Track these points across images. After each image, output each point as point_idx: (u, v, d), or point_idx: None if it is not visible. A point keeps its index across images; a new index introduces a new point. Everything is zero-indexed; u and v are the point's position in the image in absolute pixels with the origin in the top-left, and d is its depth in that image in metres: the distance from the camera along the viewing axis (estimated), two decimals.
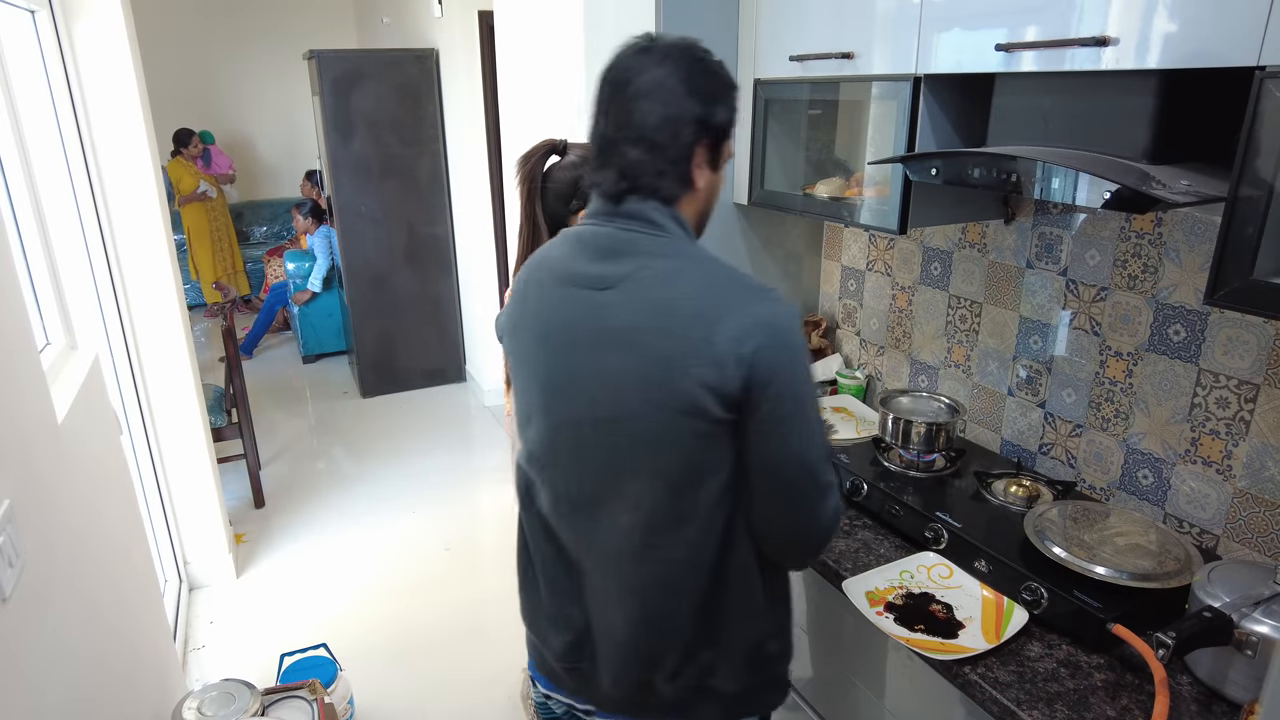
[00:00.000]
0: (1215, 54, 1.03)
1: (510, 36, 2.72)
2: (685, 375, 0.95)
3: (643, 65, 0.99)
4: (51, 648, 1.22)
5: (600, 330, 1.01)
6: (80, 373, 1.77)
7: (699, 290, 0.97)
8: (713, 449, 0.99)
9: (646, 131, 0.99)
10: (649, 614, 1.07)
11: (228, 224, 6.37)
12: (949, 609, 1.36)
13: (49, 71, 2.28)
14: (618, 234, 1.03)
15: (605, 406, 1.02)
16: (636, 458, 1.02)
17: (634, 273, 1.00)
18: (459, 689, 2.52)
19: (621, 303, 1.00)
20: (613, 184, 1.02)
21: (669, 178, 1.01)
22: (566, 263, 1.07)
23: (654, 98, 0.98)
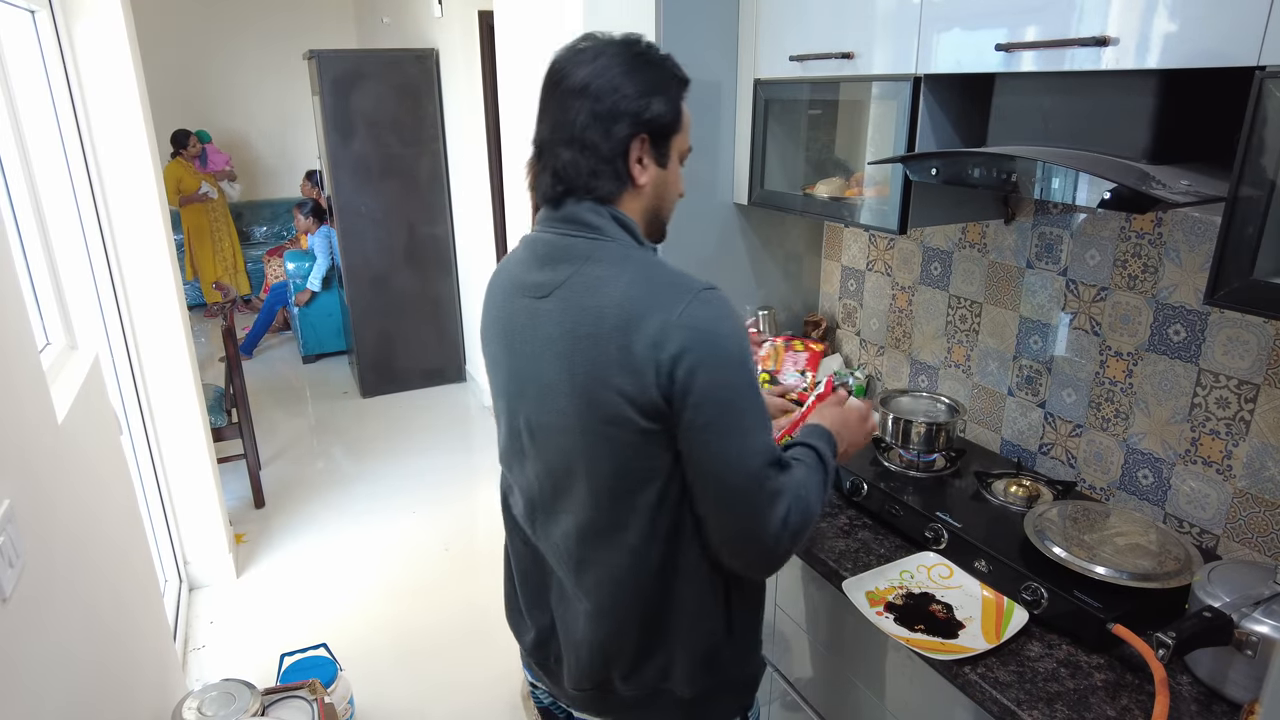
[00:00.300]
0: (1215, 54, 1.03)
1: (510, 36, 2.72)
2: (607, 385, 0.93)
3: (575, 64, 0.97)
4: (51, 648, 1.22)
5: (540, 339, 1.01)
6: (80, 373, 1.77)
7: (624, 296, 0.93)
8: (644, 457, 0.97)
9: (576, 131, 0.96)
10: (599, 615, 1.07)
11: (228, 223, 6.37)
12: (949, 609, 1.36)
13: (49, 71, 2.28)
14: (556, 240, 1.01)
15: (545, 415, 1.02)
16: (574, 465, 1.01)
17: (568, 280, 0.98)
18: (459, 689, 2.52)
19: (556, 311, 0.98)
20: (549, 187, 1.01)
21: (603, 176, 0.98)
22: (517, 270, 1.07)
23: (584, 95, 0.96)
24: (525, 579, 1.19)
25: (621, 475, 0.99)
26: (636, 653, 1.08)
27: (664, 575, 1.04)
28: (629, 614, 1.06)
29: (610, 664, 1.09)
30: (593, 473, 1.00)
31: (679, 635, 1.07)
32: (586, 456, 0.99)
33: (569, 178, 0.99)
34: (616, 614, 1.06)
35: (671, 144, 1.03)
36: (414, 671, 2.60)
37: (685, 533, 1.02)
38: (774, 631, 1.73)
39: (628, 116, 0.96)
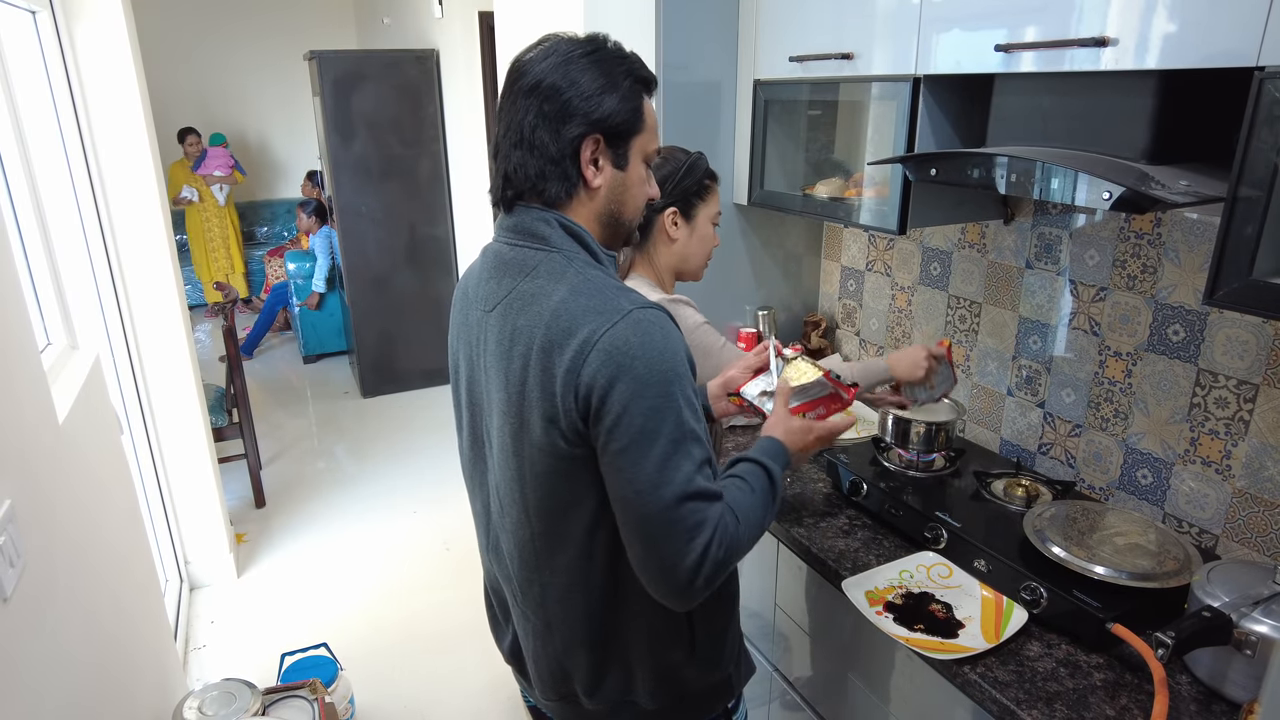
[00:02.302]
0: (1214, 54, 1.03)
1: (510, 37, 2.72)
2: (532, 409, 0.91)
3: (530, 63, 0.95)
4: (52, 647, 1.22)
5: (488, 353, 0.99)
6: (81, 373, 1.77)
7: (552, 314, 0.90)
8: (572, 480, 0.94)
9: (526, 131, 0.93)
10: (547, 633, 1.07)
11: (225, 226, 6.36)
12: (948, 609, 1.36)
13: (50, 72, 2.28)
14: (503, 250, 1.00)
15: (493, 432, 1.01)
16: (510, 485, 1.00)
17: (507, 295, 0.96)
18: (460, 688, 2.52)
19: (497, 326, 0.97)
20: (499, 190, 0.99)
21: (551, 178, 0.95)
22: (473, 280, 1.05)
23: (534, 94, 0.93)
24: (491, 587, 1.20)
25: (552, 497, 0.96)
26: (592, 669, 1.06)
27: (610, 597, 1.02)
28: (575, 634, 1.04)
29: (569, 679, 1.09)
30: (526, 492, 0.98)
31: (636, 654, 1.06)
32: (520, 477, 0.97)
33: (518, 180, 0.96)
34: (563, 633, 1.05)
35: (631, 145, 0.99)
36: (415, 671, 2.60)
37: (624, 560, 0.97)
38: (774, 631, 1.74)
39: (578, 116, 0.93)
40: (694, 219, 1.53)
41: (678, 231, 1.52)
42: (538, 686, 1.14)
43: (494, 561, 1.13)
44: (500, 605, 1.19)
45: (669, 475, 0.88)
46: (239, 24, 6.69)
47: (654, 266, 1.55)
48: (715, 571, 0.91)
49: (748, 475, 1.03)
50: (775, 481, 1.04)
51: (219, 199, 6.35)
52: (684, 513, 0.89)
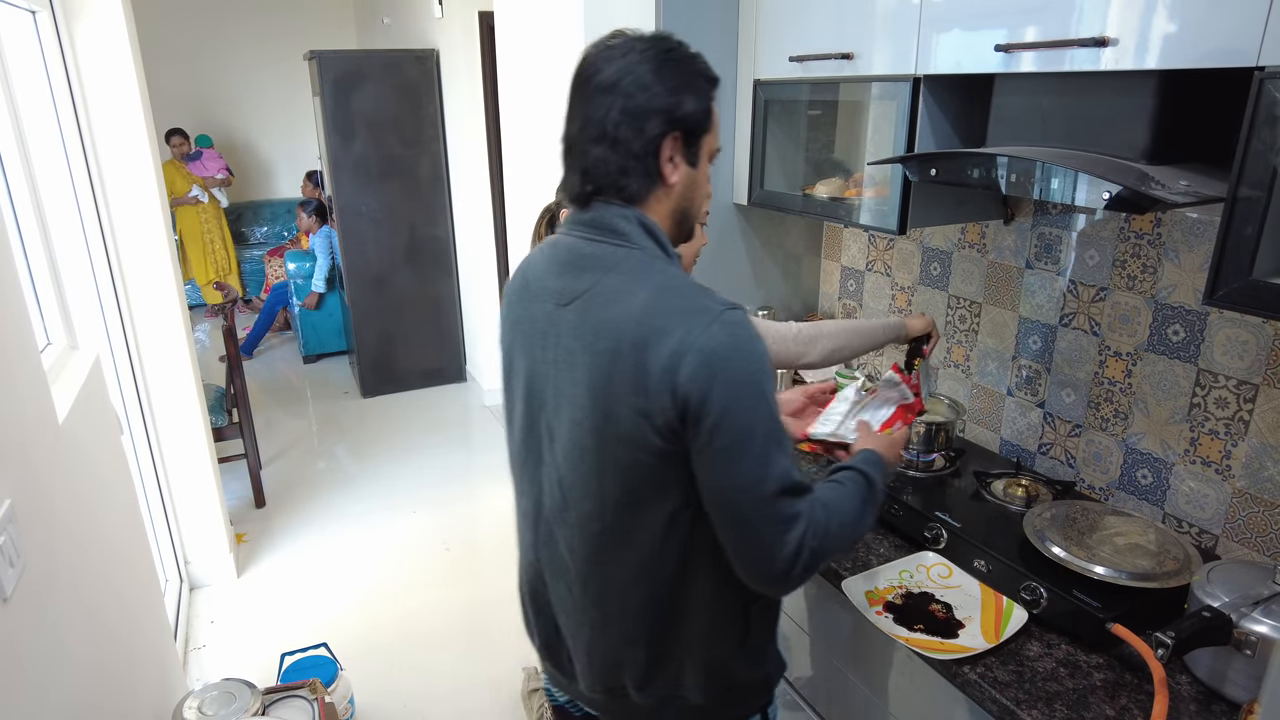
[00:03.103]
0: (1214, 54, 1.03)
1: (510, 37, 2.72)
2: (621, 403, 0.92)
3: (605, 61, 0.95)
4: (52, 647, 1.22)
5: (560, 347, 0.99)
6: (81, 373, 1.77)
7: (640, 312, 0.92)
8: (658, 475, 0.96)
9: (608, 127, 0.94)
10: (606, 626, 1.07)
11: (220, 227, 6.36)
12: (948, 608, 1.36)
13: (50, 72, 2.28)
14: (580, 245, 1.00)
15: (561, 424, 1.01)
16: (582, 480, 1.00)
17: (588, 290, 0.97)
18: (460, 688, 2.52)
19: (575, 321, 0.97)
20: (577, 186, 0.99)
21: (633, 175, 0.96)
22: (538, 273, 1.06)
23: (615, 92, 0.94)
24: (531, 586, 1.18)
25: (633, 491, 0.97)
26: (647, 663, 1.07)
27: (675, 591, 1.02)
28: (637, 627, 1.05)
29: (621, 672, 1.09)
30: (604, 486, 0.99)
31: (690, 648, 1.06)
32: (599, 470, 0.98)
33: (598, 176, 0.97)
34: (624, 626, 1.05)
35: (702, 143, 1.01)
36: (414, 671, 2.60)
37: (701, 550, 1.00)
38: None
39: (660, 114, 0.94)
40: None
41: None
42: (585, 680, 1.13)
43: (544, 556, 1.12)
44: (538, 600, 1.17)
45: (768, 470, 0.92)
46: (239, 24, 6.69)
47: None
48: (812, 560, 0.95)
49: (843, 478, 1.07)
50: (873, 484, 1.08)
51: (222, 200, 6.35)
52: (781, 506, 0.93)
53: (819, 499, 0.98)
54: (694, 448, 0.92)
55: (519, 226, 2.76)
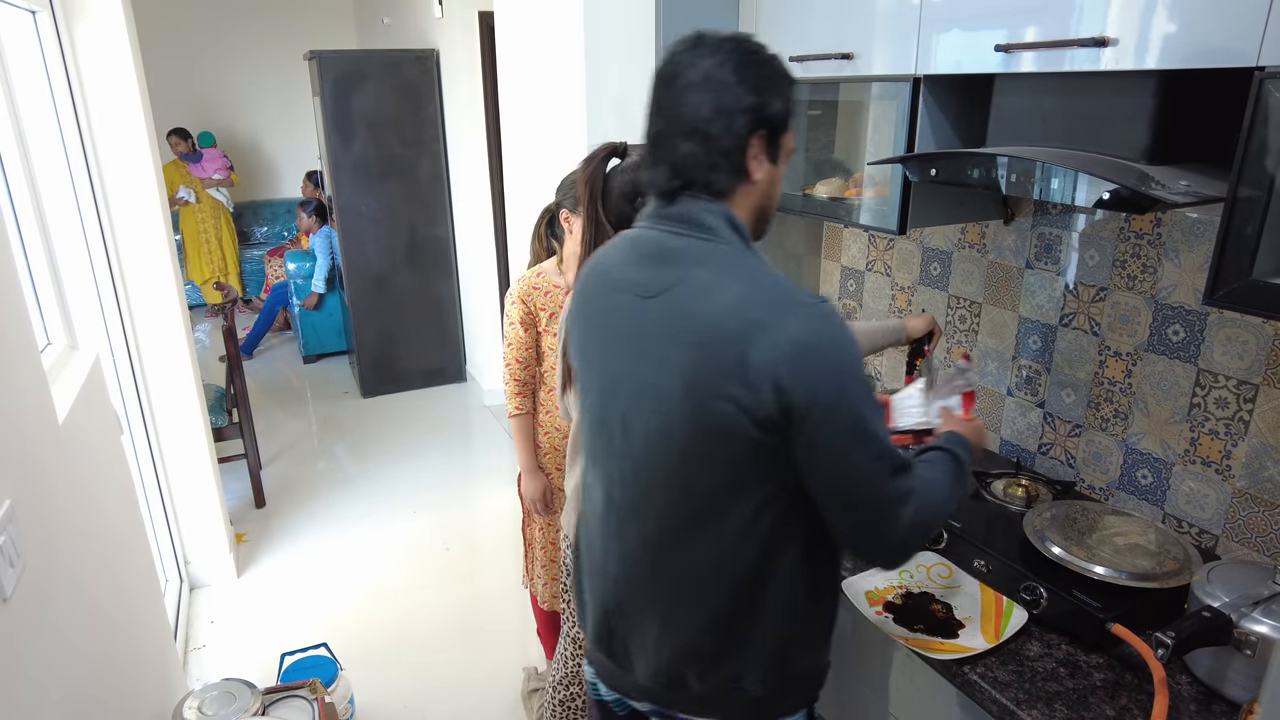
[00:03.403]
0: (1214, 54, 1.03)
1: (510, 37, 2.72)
2: (718, 395, 0.93)
3: (694, 58, 0.98)
4: (52, 647, 1.22)
5: (645, 338, 1.01)
6: (81, 373, 1.77)
7: (736, 306, 0.94)
8: (751, 466, 0.97)
9: (699, 123, 0.97)
10: (677, 617, 1.07)
11: (219, 227, 6.34)
12: (948, 608, 1.36)
13: (50, 72, 2.28)
14: (665, 238, 1.02)
15: (643, 414, 1.02)
16: (667, 470, 1.02)
17: (677, 283, 0.98)
18: (459, 688, 2.52)
19: (664, 313, 0.99)
20: (665, 180, 1.01)
21: (722, 170, 0.99)
22: (617, 265, 1.08)
23: (705, 88, 0.96)
24: (594, 575, 1.18)
25: (723, 482, 0.99)
26: (715, 653, 1.08)
27: (751, 582, 1.03)
28: (710, 617, 1.05)
29: (687, 662, 1.09)
30: (693, 477, 1.00)
31: (758, 639, 1.07)
32: (688, 461, 0.99)
33: (687, 170, 0.99)
34: (697, 616, 1.06)
35: (782, 141, 1.03)
36: (414, 671, 2.60)
37: (782, 541, 1.02)
38: None
39: (749, 112, 0.97)
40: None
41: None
42: (645, 670, 1.13)
43: (613, 548, 1.12)
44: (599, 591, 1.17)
45: (881, 453, 0.95)
46: (239, 24, 6.69)
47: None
48: (924, 533, 1.01)
49: (931, 458, 1.11)
50: (961, 463, 1.11)
51: (223, 201, 6.34)
52: (896, 484, 0.97)
53: (919, 475, 1.02)
54: (800, 440, 0.93)
55: (519, 226, 2.77)
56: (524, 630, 2.76)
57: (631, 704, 1.23)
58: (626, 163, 1.54)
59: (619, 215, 1.54)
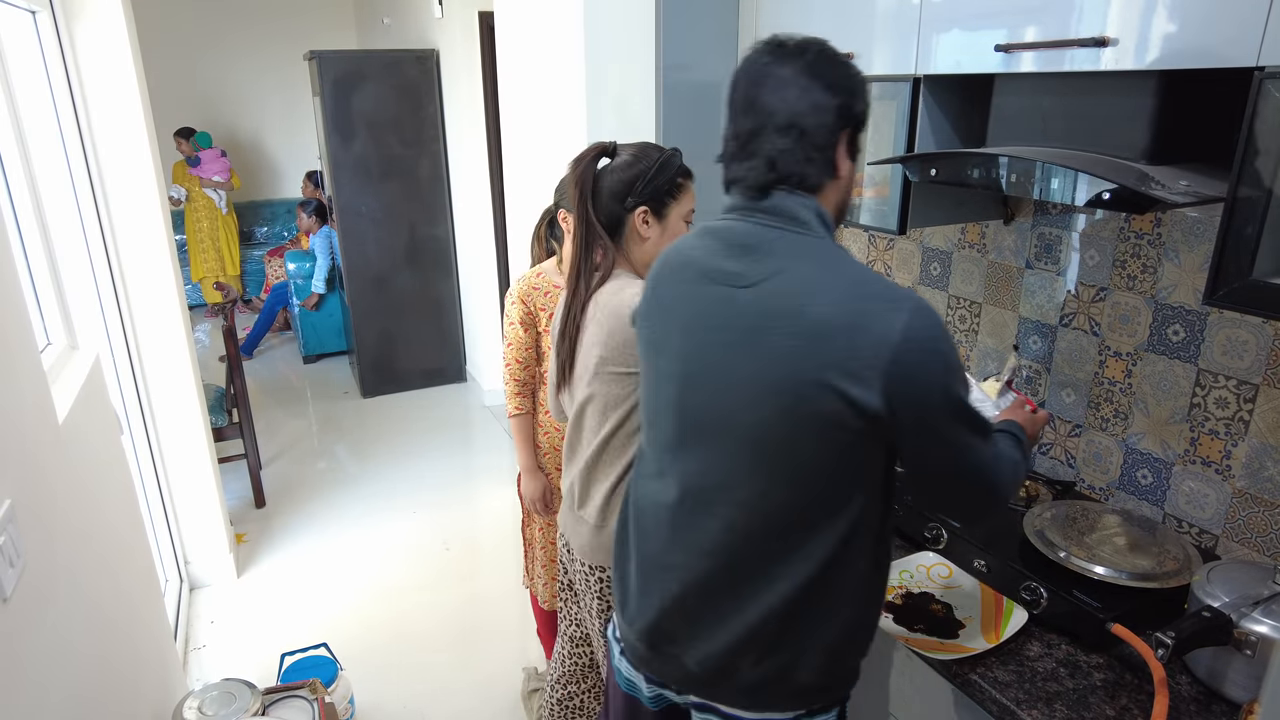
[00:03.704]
0: (1214, 54, 1.03)
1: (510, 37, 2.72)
2: (822, 385, 0.95)
3: (781, 59, 1.02)
4: (52, 647, 1.22)
5: (737, 329, 1.02)
6: (81, 373, 1.77)
7: (843, 298, 0.97)
8: (850, 456, 1.00)
9: (796, 118, 1.00)
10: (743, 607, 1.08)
11: (215, 228, 6.32)
12: (948, 609, 1.36)
13: (50, 72, 2.28)
14: (758, 230, 1.04)
15: (733, 405, 1.03)
16: (757, 459, 1.03)
17: (775, 274, 1.00)
18: (459, 688, 2.52)
19: (761, 303, 1.00)
20: (761, 174, 1.03)
21: (815, 164, 1.02)
22: (703, 255, 1.09)
23: (797, 87, 1.00)
24: (649, 562, 1.17)
25: (816, 470, 1.00)
26: (775, 639, 1.08)
27: (825, 569, 1.05)
28: (780, 603, 1.06)
29: (745, 649, 1.09)
30: (787, 465, 1.01)
31: (817, 629, 1.08)
32: (781, 449, 1.01)
33: (783, 164, 1.02)
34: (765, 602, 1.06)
35: (859, 140, 1.08)
36: (414, 671, 2.60)
37: (857, 529, 1.04)
38: None
39: (839, 111, 1.02)
40: (666, 217, 1.53)
41: (649, 230, 1.52)
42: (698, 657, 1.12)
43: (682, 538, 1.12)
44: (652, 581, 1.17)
45: (977, 426, 1.02)
46: (239, 24, 6.69)
47: (632, 264, 1.55)
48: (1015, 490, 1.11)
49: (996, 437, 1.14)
50: (1021, 442, 1.17)
51: (216, 201, 6.31)
52: (992, 449, 1.04)
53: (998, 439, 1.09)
54: (906, 427, 0.97)
55: (519, 226, 2.77)
56: (524, 630, 2.76)
57: (669, 697, 1.23)
58: (616, 162, 1.54)
59: (609, 215, 1.53)
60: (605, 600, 1.63)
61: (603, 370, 1.50)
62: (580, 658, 1.86)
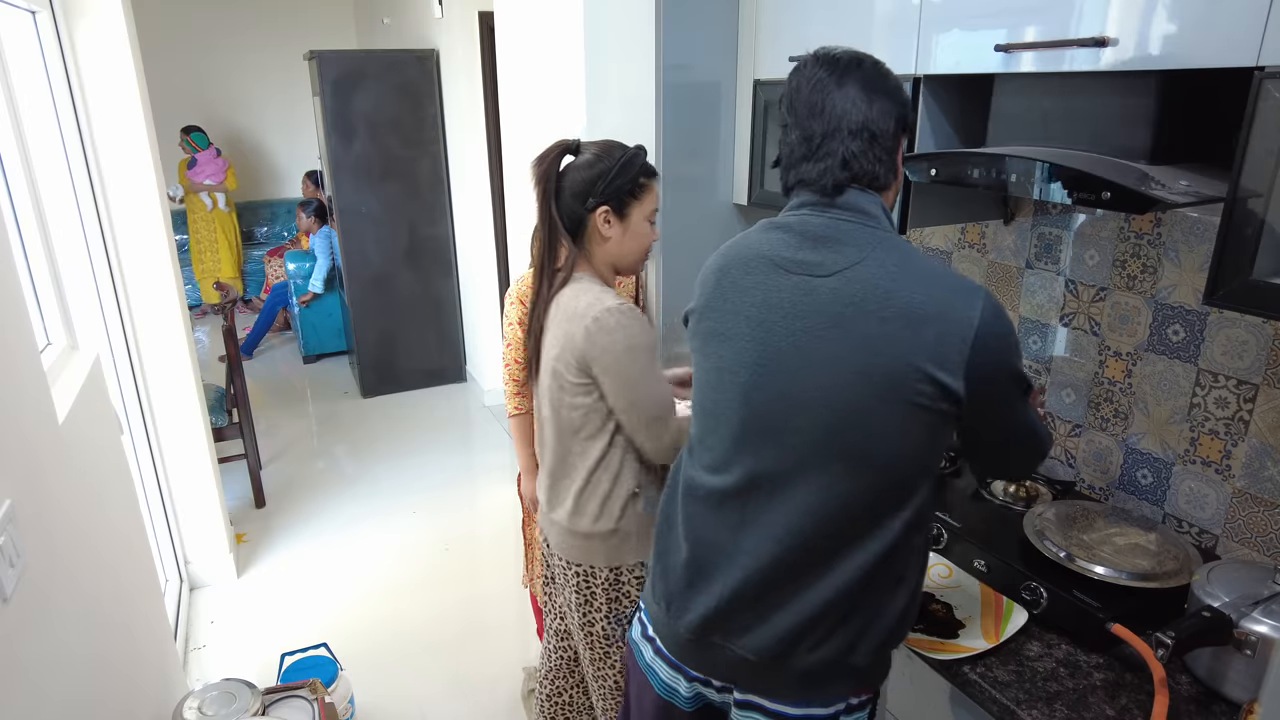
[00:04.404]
0: (1214, 54, 1.03)
1: (510, 37, 2.73)
2: (914, 368, 1.00)
3: (841, 70, 1.08)
4: (52, 647, 1.22)
5: (819, 315, 1.05)
6: (81, 373, 1.77)
7: (926, 288, 1.02)
8: (926, 441, 1.04)
9: (868, 123, 1.06)
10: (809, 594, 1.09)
11: (213, 230, 6.29)
12: (948, 608, 1.36)
13: (50, 72, 2.28)
14: (835, 223, 1.09)
15: (817, 390, 1.05)
16: (841, 443, 1.05)
17: (856, 263, 1.05)
18: (459, 688, 2.52)
19: (844, 290, 1.04)
20: (835, 173, 1.08)
21: (884, 165, 1.09)
22: (775, 248, 1.12)
23: (865, 94, 1.06)
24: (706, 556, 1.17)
25: (900, 455, 1.04)
26: (833, 626, 1.09)
27: (889, 555, 1.07)
28: (843, 591, 1.07)
29: (805, 635, 1.10)
30: (864, 450, 1.04)
31: (877, 610, 1.10)
32: (862, 433, 1.04)
33: (858, 164, 1.07)
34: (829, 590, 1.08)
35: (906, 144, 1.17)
36: (415, 671, 2.60)
37: (921, 517, 1.10)
38: None
39: (899, 116, 1.10)
40: (627, 217, 1.53)
41: (610, 230, 1.52)
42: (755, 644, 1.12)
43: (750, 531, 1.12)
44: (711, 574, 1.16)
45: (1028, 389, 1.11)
46: (239, 24, 6.69)
47: (593, 265, 1.55)
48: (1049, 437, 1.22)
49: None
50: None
51: (207, 204, 6.24)
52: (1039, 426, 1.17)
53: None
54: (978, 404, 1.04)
55: (519, 226, 2.77)
56: (524, 630, 2.76)
57: (708, 696, 1.22)
58: (579, 160, 1.53)
59: (570, 214, 1.52)
60: (583, 595, 1.64)
61: (558, 373, 1.51)
62: (565, 651, 1.87)
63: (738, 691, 1.17)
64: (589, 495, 1.57)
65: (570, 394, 1.52)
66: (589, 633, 1.67)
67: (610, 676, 1.69)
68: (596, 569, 1.61)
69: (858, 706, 1.16)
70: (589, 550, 1.61)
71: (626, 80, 2.00)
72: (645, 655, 1.29)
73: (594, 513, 1.57)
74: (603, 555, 1.60)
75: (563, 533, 1.62)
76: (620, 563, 1.61)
